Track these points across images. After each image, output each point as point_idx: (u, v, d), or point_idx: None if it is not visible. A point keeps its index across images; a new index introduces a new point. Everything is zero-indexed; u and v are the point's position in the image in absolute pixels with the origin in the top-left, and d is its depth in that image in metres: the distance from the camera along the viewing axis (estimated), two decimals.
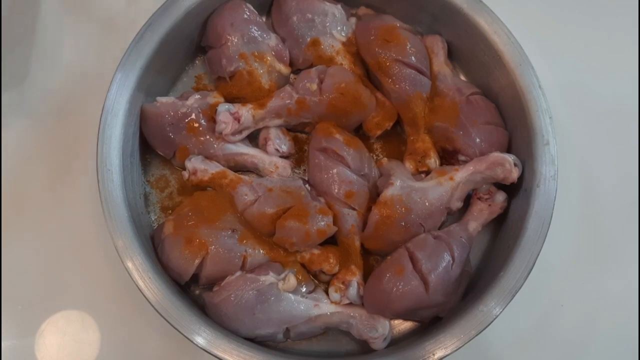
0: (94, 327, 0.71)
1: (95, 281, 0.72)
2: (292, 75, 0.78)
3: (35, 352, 0.70)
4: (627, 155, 0.81)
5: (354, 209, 0.70)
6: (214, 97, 0.73)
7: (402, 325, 0.72)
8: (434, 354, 0.63)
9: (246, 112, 0.70)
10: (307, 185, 0.71)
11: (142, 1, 0.74)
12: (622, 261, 0.77)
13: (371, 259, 0.72)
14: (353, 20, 0.79)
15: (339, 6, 0.78)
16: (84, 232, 0.73)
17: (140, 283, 0.62)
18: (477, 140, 0.72)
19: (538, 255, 0.66)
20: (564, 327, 0.75)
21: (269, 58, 0.74)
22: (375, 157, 0.76)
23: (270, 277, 0.66)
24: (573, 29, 0.86)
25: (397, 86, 0.74)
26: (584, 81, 0.83)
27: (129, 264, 0.63)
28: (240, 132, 0.71)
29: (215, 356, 0.61)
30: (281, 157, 0.73)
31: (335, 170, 0.70)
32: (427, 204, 0.69)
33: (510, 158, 0.69)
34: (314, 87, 0.72)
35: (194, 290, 0.70)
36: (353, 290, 0.67)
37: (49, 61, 0.79)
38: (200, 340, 0.61)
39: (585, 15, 0.87)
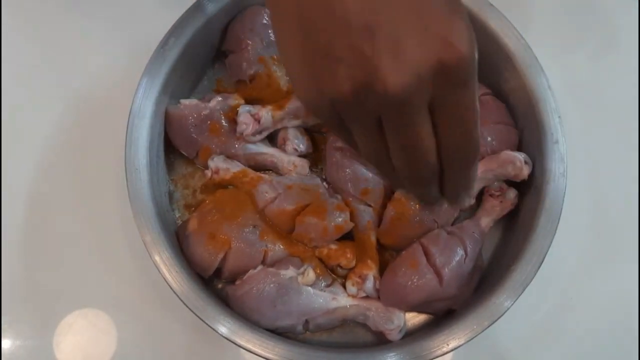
0: (115, 322, 0.73)
1: (118, 277, 0.74)
2: None
3: (55, 348, 0.72)
4: (635, 151, 0.82)
5: (369, 205, 0.71)
6: (234, 100, 0.74)
7: (416, 318, 0.73)
8: (447, 344, 0.64)
9: (266, 114, 0.72)
10: (324, 183, 0.73)
11: (166, 9, 0.76)
12: (630, 255, 0.78)
13: (386, 254, 0.73)
14: None
15: None
16: (109, 229, 0.75)
17: (167, 276, 0.64)
18: (489, 139, 0.73)
19: (548, 249, 0.67)
20: (573, 319, 0.76)
21: None
22: None
23: (290, 271, 0.67)
24: (581, 30, 0.87)
25: None
26: (592, 81, 0.84)
27: (157, 258, 0.65)
28: (260, 132, 0.73)
29: (239, 345, 0.63)
30: (299, 156, 0.75)
31: (351, 169, 0.71)
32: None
33: (520, 156, 0.70)
34: None
35: (216, 284, 0.72)
36: (369, 284, 0.69)
37: (80, 67, 0.82)
38: (223, 330, 0.63)
39: (593, 16, 0.88)
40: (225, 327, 0.63)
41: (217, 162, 0.72)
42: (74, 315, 0.73)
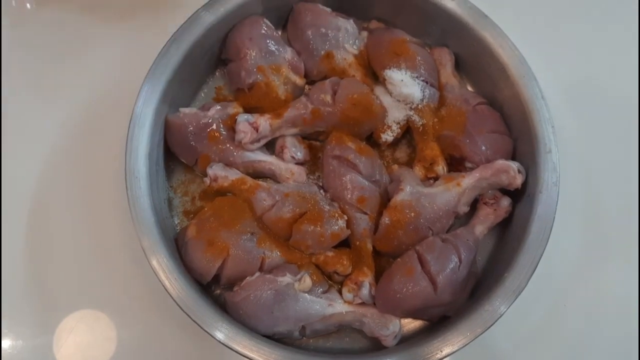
0: (114, 325, 0.74)
1: (118, 282, 0.75)
2: (306, 87, 0.79)
3: (54, 350, 0.72)
4: (626, 160, 0.83)
5: (366, 213, 0.72)
6: (233, 108, 0.75)
7: (411, 324, 0.73)
8: (441, 351, 0.65)
9: (264, 122, 0.73)
10: (321, 191, 0.73)
11: (167, 17, 0.77)
12: (621, 262, 0.79)
13: (382, 261, 0.74)
14: (365, 33, 0.81)
15: (351, 21, 0.80)
16: (109, 235, 0.76)
17: (165, 282, 0.65)
18: (483, 148, 0.74)
19: (541, 257, 0.68)
20: (566, 326, 0.77)
21: (285, 70, 0.76)
22: (385, 164, 0.78)
23: (287, 278, 0.68)
24: (575, 41, 0.88)
25: None
26: (585, 91, 0.85)
27: (155, 264, 0.65)
28: (258, 140, 0.74)
29: (235, 351, 0.64)
30: (297, 164, 0.75)
31: (348, 177, 0.72)
32: (435, 208, 0.71)
33: (514, 165, 0.71)
34: (328, 98, 0.74)
35: (214, 290, 0.73)
36: (365, 291, 0.69)
37: (82, 77, 0.82)
38: (221, 335, 0.64)
39: (586, 28, 0.89)
40: (222, 332, 0.64)
41: (215, 170, 0.73)
42: (74, 317, 0.73)
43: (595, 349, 0.76)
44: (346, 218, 0.71)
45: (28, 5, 0.85)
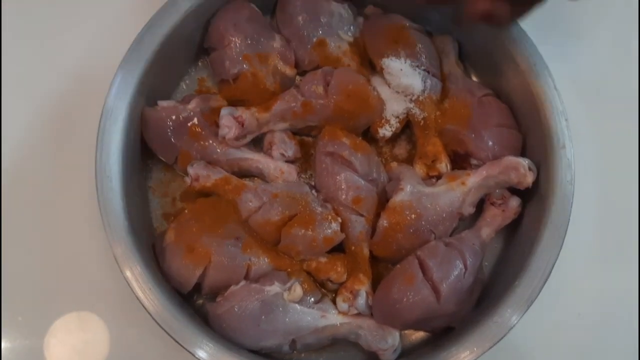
0: (99, 333, 0.71)
1: (99, 288, 0.72)
2: (297, 77, 0.76)
3: (45, 352, 0.70)
4: None
5: (362, 215, 0.69)
6: (216, 101, 0.72)
7: (413, 336, 0.70)
8: None
9: (250, 116, 0.69)
10: (313, 191, 0.70)
11: (143, 2, 0.74)
12: None
13: (380, 267, 0.71)
14: (360, 19, 0.78)
15: (346, 5, 0.77)
16: (88, 237, 0.72)
17: (140, 293, 0.61)
18: (490, 143, 0.71)
19: (555, 263, 0.64)
20: (580, 338, 0.74)
21: (273, 59, 0.73)
22: (383, 161, 0.75)
23: (275, 287, 0.65)
24: (591, 27, 0.85)
25: None
26: (602, 81, 0.82)
27: (128, 274, 0.62)
28: (244, 136, 0.70)
29: None
30: (286, 161, 0.72)
31: (342, 176, 0.69)
32: (438, 209, 0.68)
33: (524, 162, 0.68)
34: (320, 89, 0.71)
35: (196, 301, 0.69)
36: (361, 300, 0.66)
37: (47, 65, 0.78)
38: (202, 354, 0.60)
39: (603, 13, 0.85)
40: (203, 350, 0.60)
41: (197, 169, 0.69)
42: (57, 324, 0.71)
43: None
44: (340, 220, 0.68)
45: None
